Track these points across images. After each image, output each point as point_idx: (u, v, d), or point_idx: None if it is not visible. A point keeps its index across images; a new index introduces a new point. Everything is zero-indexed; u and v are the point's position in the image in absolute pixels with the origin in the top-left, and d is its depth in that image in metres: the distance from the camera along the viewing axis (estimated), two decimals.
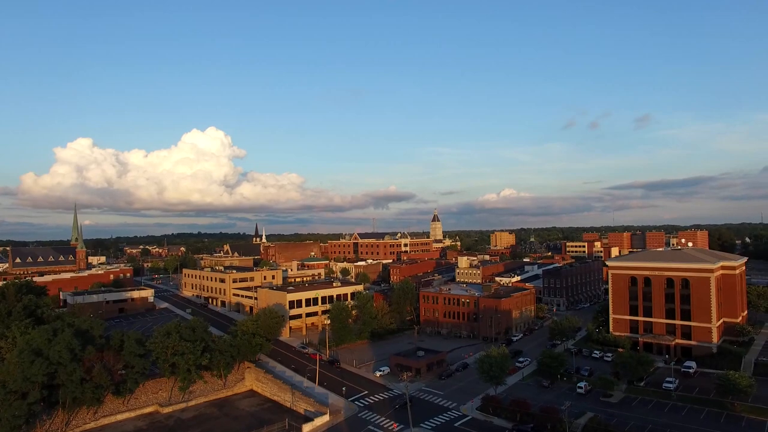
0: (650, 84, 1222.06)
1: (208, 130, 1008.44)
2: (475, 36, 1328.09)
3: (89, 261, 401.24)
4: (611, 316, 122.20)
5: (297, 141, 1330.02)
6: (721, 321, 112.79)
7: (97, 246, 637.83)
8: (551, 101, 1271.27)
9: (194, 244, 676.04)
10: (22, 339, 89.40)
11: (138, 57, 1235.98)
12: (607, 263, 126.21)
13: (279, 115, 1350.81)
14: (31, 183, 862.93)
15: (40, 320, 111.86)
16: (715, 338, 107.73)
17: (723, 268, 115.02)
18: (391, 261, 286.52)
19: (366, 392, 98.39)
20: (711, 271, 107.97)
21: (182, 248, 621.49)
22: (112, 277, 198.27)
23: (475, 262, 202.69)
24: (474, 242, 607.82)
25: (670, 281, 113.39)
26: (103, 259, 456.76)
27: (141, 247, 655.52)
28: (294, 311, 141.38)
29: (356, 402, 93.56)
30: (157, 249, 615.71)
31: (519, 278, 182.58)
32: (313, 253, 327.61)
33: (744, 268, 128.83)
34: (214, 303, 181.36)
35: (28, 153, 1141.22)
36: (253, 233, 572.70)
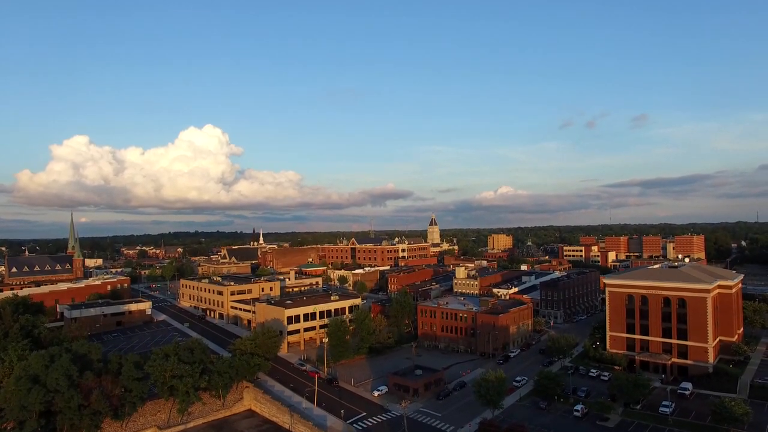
0: (647, 84, 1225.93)
1: (205, 127, 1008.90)
2: (472, 36, 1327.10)
3: (86, 264, 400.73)
4: (608, 333, 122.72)
5: (295, 139, 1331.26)
6: (717, 340, 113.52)
7: (93, 247, 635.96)
8: (548, 101, 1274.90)
9: (191, 245, 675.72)
10: (19, 365, 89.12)
11: (135, 55, 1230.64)
12: (605, 281, 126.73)
13: (276, 113, 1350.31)
14: (27, 180, 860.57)
15: (37, 341, 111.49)
16: (711, 358, 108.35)
17: (719, 287, 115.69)
18: (388, 267, 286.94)
19: (364, 414, 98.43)
20: (707, 291, 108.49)
21: (179, 249, 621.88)
22: (109, 287, 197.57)
23: (473, 272, 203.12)
24: (471, 243, 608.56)
25: (666, 300, 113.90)
26: (99, 261, 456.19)
27: (138, 247, 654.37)
28: (292, 326, 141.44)
29: (354, 425, 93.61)
30: (153, 250, 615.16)
31: (516, 289, 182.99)
32: (310, 259, 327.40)
33: (740, 285, 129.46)
34: (212, 315, 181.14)
35: (24, 150, 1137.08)
36: (250, 231, 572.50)
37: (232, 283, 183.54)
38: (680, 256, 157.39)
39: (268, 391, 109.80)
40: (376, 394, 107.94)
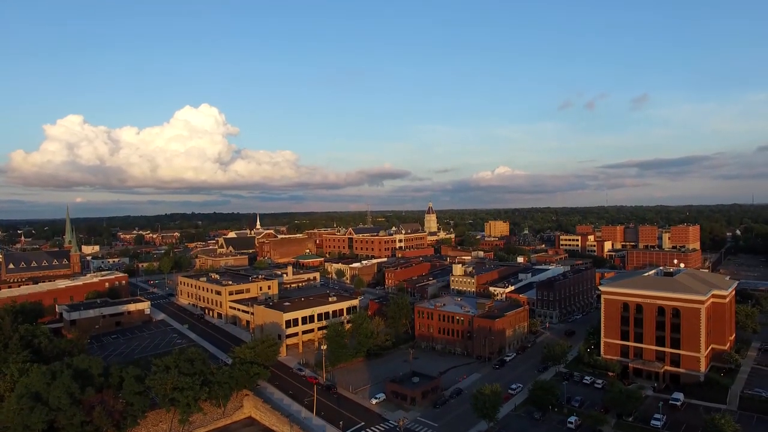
0: (647, 64, 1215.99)
1: (201, 106, 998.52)
2: (471, 15, 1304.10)
3: (82, 251, 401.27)
4: (603, 339, 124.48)
5: (291, 118, 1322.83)
6: (710, 348, 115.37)
7: (89, 232, 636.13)
8: (548, 82, 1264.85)
9: (188, 230, 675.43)
10: (21, 382, 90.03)
11: (129, 33, 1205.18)
12: (601, 288, 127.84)
13: (273, 93, 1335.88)
14: (21, 161, 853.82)
15: (38, 351, 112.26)
16: (702, 367, 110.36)
17: (714, 296, 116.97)
18: (386, 258, 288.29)
19: (363, 424, 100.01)
20: (701, 302, 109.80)
21: (176, 233, 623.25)
22: (107, 285, 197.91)
23: (470, 269, 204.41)
24: (468, 227, 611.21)
25: (661, 309, 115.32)
26: (96, 248, 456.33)
27: (135, 232, 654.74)
28: (290, 330, 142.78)
29: None
30: (150, 235, 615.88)
31: (513, 288, 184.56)
32: (308, 250, 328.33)
33: (734, 293, 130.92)
34: (211, 314, 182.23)
35: (16, 130, 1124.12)
36: (246, 211, 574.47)
37: (230, 282, 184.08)
38: (676, 261, 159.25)
39: (268, 399, 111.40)
40: (374, 401, 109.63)
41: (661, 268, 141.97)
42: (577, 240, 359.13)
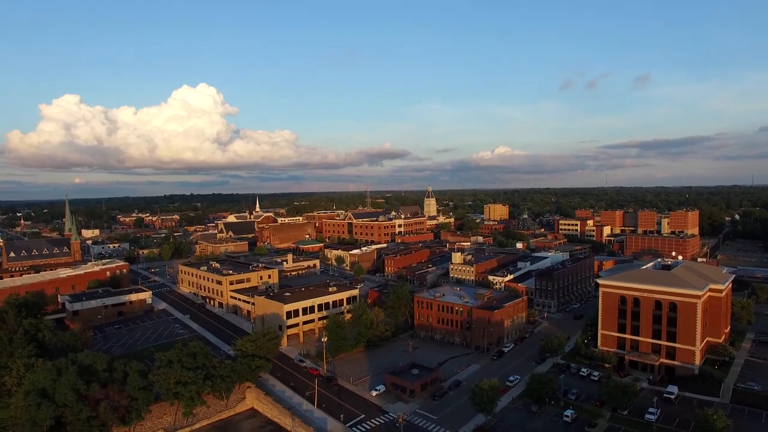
0: (650, 43, 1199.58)
1: (199, 86, 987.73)
2: None
3: (82, 234, 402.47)
4: (600, 331, 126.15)
5: (290, 98, 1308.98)
6: (705, 341, 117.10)
7: (89, 215, 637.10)
8: (549, 61, 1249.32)
9: (187, 212, 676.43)
10: (28, 379, 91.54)
11: (125, 11, 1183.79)
12: (599, 280, 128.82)
13: (273, 72, 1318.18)
14: (18, 141, 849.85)
15: (42, 345, 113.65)
16: (697, 360, 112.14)
17: (711, 291, 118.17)
18: (386, 244, 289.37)
19: (363, 416, 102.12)
20: (698, 297, 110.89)
21: (176, 216, 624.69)
22: (108, 274, 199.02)
23: (468, 257, 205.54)
24: (468, 209, 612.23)
25: (658, 303, 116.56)
26: (96, 232, 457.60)
27: (134, 215, 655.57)
28: (291, 320, 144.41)
29: (354, 428, 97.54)
30: (150, 217, 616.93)
31: (511, 277, 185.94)
32: (308, 236, 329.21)
33: (730, 287, 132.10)
34: (212, 303, 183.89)
35: (11, 109, 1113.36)
36: (246, 191, 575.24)
37: (231, 272, 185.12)
38: (674, 253, 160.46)
39: (270, 392, 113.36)
40: (374, 393, 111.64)
41: (659, 260, 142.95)
42: (577, 225, 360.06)
